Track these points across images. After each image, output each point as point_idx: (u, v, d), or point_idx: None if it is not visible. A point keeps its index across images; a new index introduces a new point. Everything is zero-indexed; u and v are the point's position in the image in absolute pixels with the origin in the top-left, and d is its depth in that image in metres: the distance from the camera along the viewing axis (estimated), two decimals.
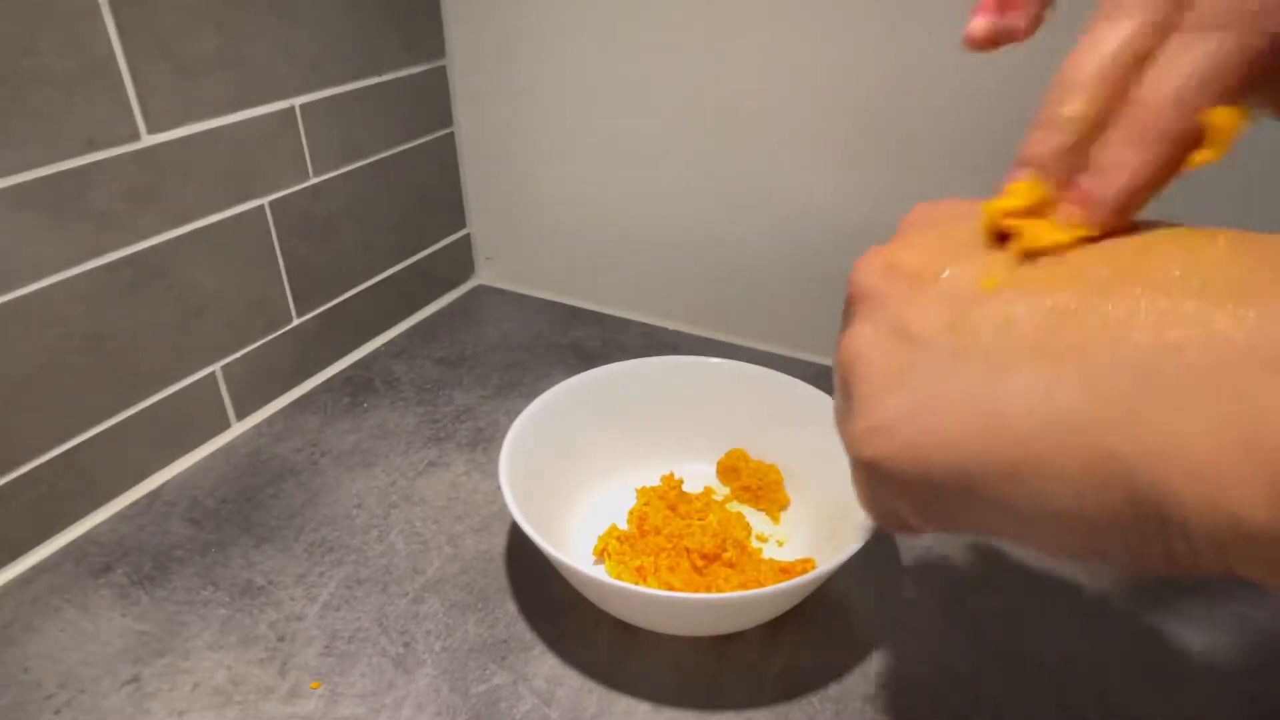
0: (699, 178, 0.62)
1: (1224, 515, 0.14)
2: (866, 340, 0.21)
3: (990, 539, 0.19)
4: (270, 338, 0.58)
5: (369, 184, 0.62)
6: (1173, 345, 0.15)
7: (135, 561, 0.45)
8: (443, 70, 0.67)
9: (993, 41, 0.22)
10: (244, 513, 0.49)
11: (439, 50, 0.66)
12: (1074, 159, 0.18)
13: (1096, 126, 0.18)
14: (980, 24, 0.22)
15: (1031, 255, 0.19)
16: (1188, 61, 0.17)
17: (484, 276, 0.77)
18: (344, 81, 0.58)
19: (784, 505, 0.47)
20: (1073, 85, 0.18)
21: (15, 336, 0.43)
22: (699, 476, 0.49)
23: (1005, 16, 0.22)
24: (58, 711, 0.37)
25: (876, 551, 0.44)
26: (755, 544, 0.45)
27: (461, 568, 0.44)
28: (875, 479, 0.21)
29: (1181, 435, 0.15)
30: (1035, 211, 0.19)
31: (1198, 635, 0.40)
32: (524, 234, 0.73)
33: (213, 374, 0.54)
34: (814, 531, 0.44)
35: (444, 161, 0.70)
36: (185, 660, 0.39)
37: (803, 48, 0.54)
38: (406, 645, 0.40)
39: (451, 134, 0.70)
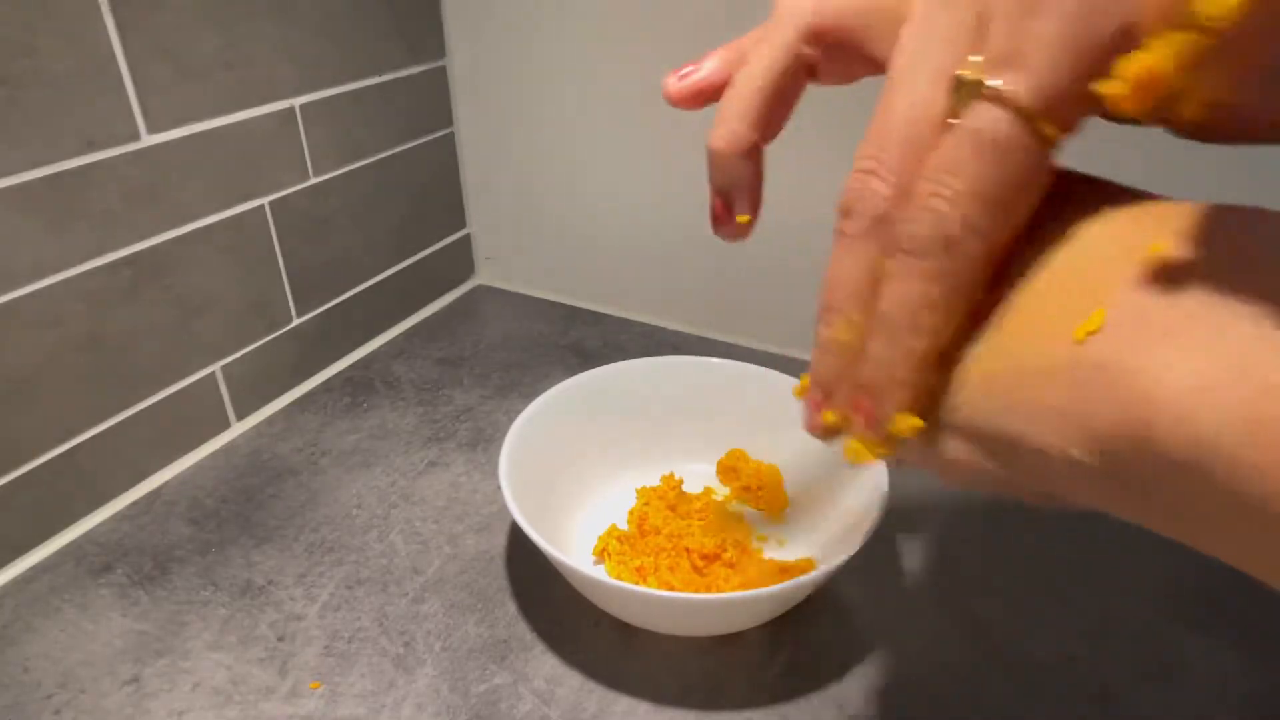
0: (699, 177, 0.62)
1: (1072, 464, 0.16)
2: None
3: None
4: (270, 338, 0.58)
5: (369, 184, 0.62)
6: (1036, 325, 0.17)
7: (135, 561, 0.45)
8: (443, 70, 0.67)
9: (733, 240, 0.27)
10: (244, 513, 0.49)
11: (439, 50, 0.66)
12: (850, 378, 0.20)
13: (860, 343, 0.20)
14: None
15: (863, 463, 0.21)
16: (905, 289, 0.18)
17: (484, 276, 0.77)
18: (344, 81, 0.58)
19: (784, 505, 0.47)
20: (832, 311, 0.20)
21: (15, 336, 0.43)
22: (699, 476, 0.49)
23: (727, 227, 0.27)
24: (58, 711, 0.37)
25: (876, 551, 0.44)
26: (755, 544, 0.45)
27: (461, 568, 0.44)
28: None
29: (1038, 397, 0.17)
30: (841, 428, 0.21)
31: (1198, 635, 0.40)
32: (524, 234, 0.73)
33: (213, 374, 0.54)
34: (814, 531, 0.44)
35: (444, 161, 0.70)
36: (185, 660, 0.39)
37: None
38: (406, 645, 0.40)
39: (451, 134, 0.70)
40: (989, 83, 0.17)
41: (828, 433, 0.22)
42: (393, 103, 0.63)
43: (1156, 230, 0.17)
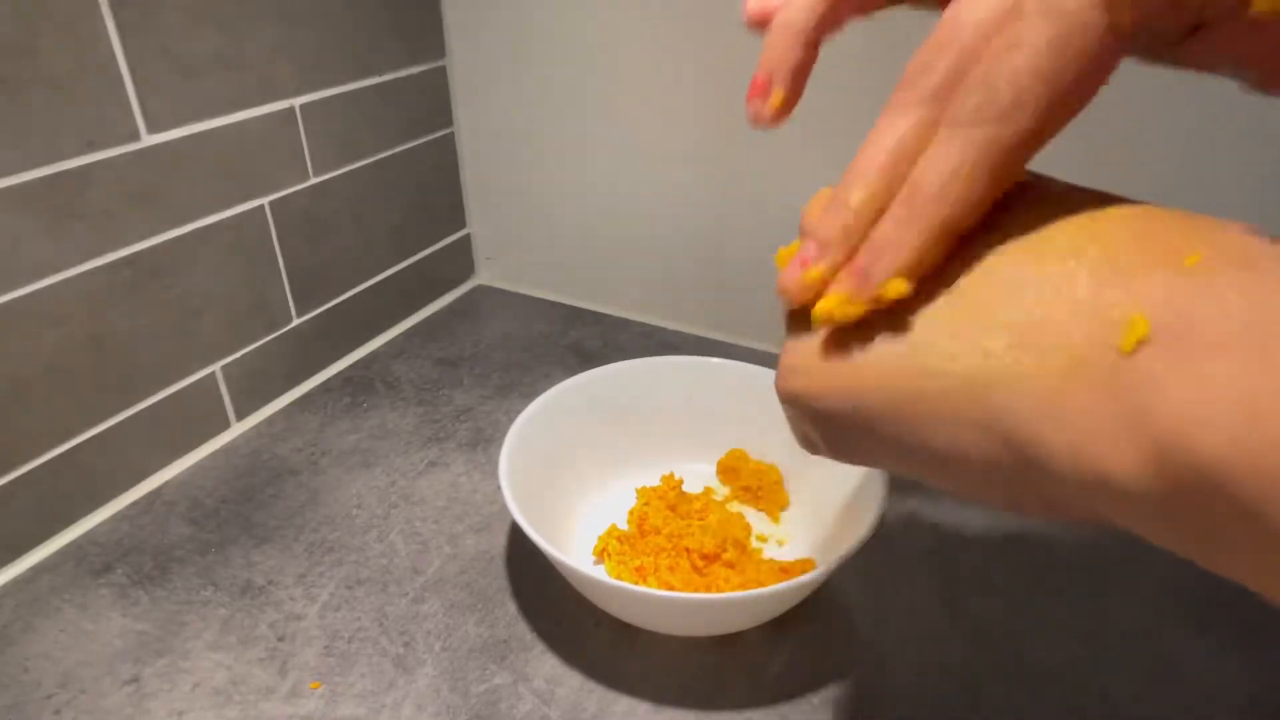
0: (699, 177, 0.62)
1: (1097, 472, 0.16)
2: None
3: (891, 472, 0.22)
4: (270, 338, 0.58)
5: (369, 184, 0.62)
6: (1057, 317, 0.17)
7: (135, 561, 0.45)
8: (443, 70, 0.67)
9: (760, 122, 0.25)
10: (244, 513, 0.49)
11: (439, 50, 0.66)
12: (855, 238, 0.20)
13: (877, 210, 0.20)
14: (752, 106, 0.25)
15: (825, 325, 0.21)
16: (945, 155, 0.18)
17: (484, 276, 0.77)
18: (344, 81, 0.58)
19: (784, 505, 0.47)
20: (857, 174, 0.20)
21: (15, 336, 0.43)
22: (699, 476, 0.49)
23: (761, 102, 0.25)
24: (58, 711, 0.37)
25: (876, 551, 0.44)
26: (755, 544, 0.45)
27: (461, 568, 0.44)
28: (791, 409, 0.23)
29: (1062, 398, 0.16)
30: (819, 288, 0.21)
31: (1198, 635, 0.40)
32: (524, 234, 0.73)
33: (213, 374, 0.54)
34: (814, 531, 0.44)
35: (444, 161, 0.70)
36: (185, 660, 0.39)
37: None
38: (406, 645, 0.40)
39: (451, 134, 0.70)
40: None
41: (804, 290, 0.21)
42: (393, 103, 0.63)
43: (1188, 239, 0.16)
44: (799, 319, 0.22)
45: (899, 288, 0.19)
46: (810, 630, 0.40)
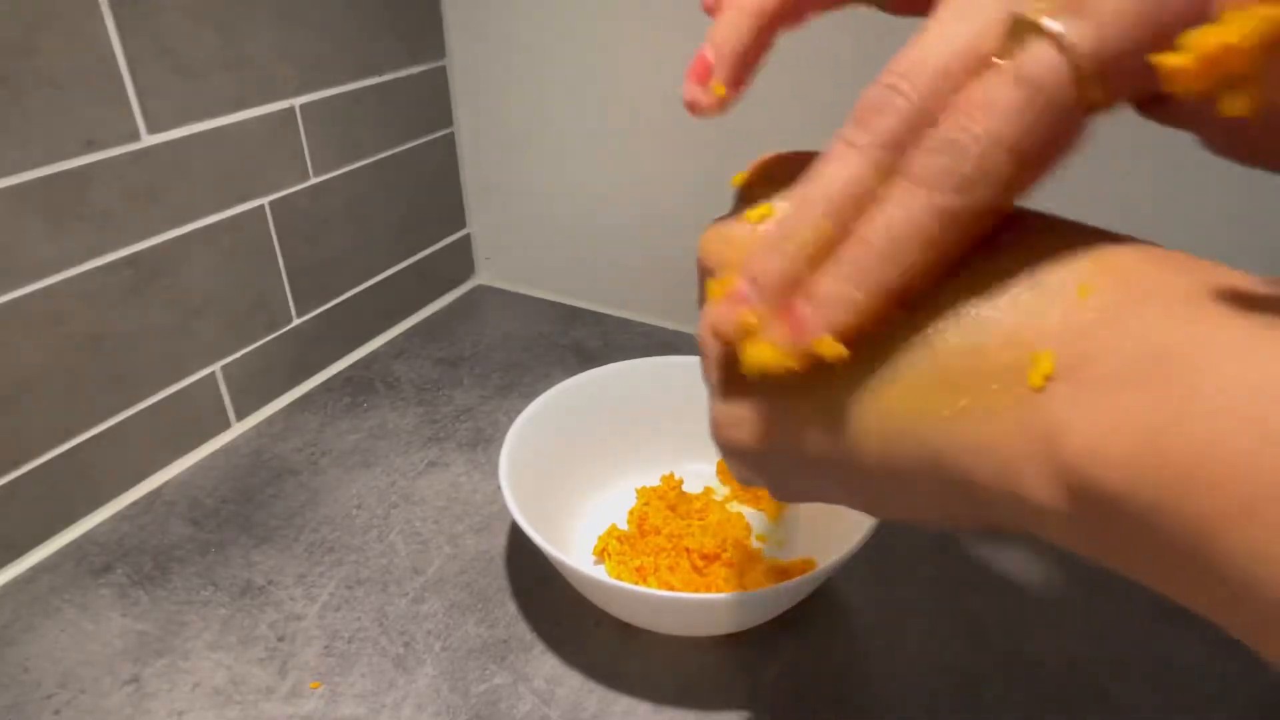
0: (699, 177, 0.62)
1: (1021, 499, 0.16)
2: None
3: (832, 504, 0.22)
4: (270, 338, 0.58)
5: (369, 184, 0.62)
6: (977, 353, 0.17)
7: (135, 561, 0.45)
8: (443, 70, 0.67)
9: (696, 110, 0.23)
10: (244, 513, 0.49)
11: (439, 50, 0.66)
12: (794, 283, 0.18)
13: (820, 254, 0.18)
14: (688, 91, 0.23)
15: (757, 374, 0.19)
16: (902, 215, 0.17)
17: (484, 276, 0.77)
18: (344, 81, 0.58)
19: (784, 505, 0.47)
20: (801, 214, 0.18)
21: (15, 336, 0.43)
22: (699, 476, 0.49)
23: (701, 89, 0.23)
24: (58, 711, 0.37)
25: (876, 551, 0.44)
26: (755, 544, 0.45)
27: (461, 568, 0.44)
28: (730, 459, 0.23)
29: (985, 433, 0.17)
30: (750, 330, 0.19)
31: (1198, 635, 0.40)
32: (524, 234, 0.73)
33: (213, 374, 0.54)
34: (814, 531, 0.44)
35: (444, 161, 0.70)
36: (185, 660, 0.39)
37: (802, 47, 0.54)
38: (406, 645, 0.40)
39: (451, 134, 0.70)
40: (1049, 24, 0.15)
41: (738, 332, 0.19)
42: (393, 103, 0.63)
43: (1091, 267, 0.16)
44: (733, 368, 0.21)
45: (834, 349, 0.18)
46: (810, 630, 0.40)
